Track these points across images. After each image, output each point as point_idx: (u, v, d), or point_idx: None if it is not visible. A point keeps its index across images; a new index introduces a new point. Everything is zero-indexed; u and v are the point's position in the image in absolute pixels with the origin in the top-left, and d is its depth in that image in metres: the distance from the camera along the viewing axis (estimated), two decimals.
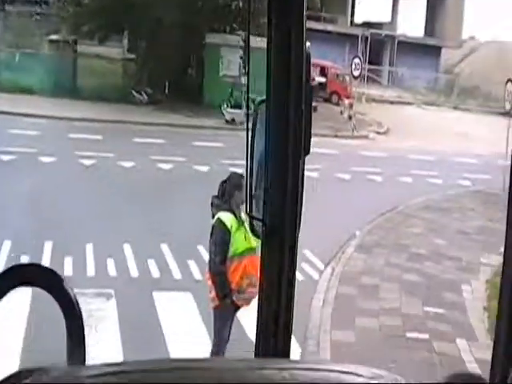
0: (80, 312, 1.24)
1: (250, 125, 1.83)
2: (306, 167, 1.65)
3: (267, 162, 1.65)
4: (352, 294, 9.26)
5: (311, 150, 1.65)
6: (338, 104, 30.75)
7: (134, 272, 9.38)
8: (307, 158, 1.66)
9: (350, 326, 8.06)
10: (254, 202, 1.77)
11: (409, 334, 7.97)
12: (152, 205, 12.81)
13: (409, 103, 42.23)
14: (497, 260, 11.58)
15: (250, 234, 6.07)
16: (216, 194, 6.22)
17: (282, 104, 1.63)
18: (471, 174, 20.01)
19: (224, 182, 6.17)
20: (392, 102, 41.25)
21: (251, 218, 1.74)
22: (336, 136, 23.94)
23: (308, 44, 1.62)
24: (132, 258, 9.86)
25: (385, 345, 7.62)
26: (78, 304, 1.24)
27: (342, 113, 27.63)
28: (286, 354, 1.66)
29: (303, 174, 1.65)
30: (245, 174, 1.79)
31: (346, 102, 29.05)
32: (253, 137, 1.82)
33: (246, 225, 6.17)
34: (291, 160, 1.62)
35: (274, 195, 1.62)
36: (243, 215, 6.18)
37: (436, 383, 1.03)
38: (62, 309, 1.22)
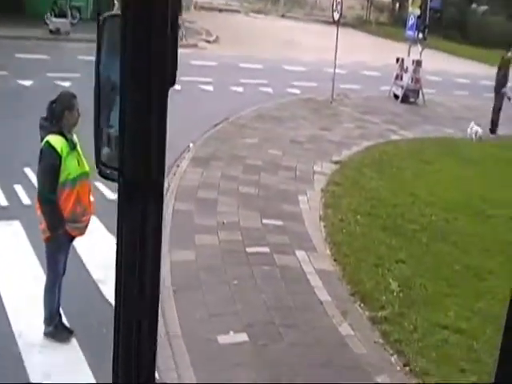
0: None
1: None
2: None
3: (124, 96, 1.27)
4: (190, 210, 9.03)
5: None
6: None
7: None
8: None
9: (190, 245, 7.86)
10: (105, 144, 1.41)
11: (249, 249, 7.91)
12: None
13: (237, 11, 41.96)
14: (329, 168, 11.84)
15: (83, 158, 5.64)
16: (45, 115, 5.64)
17: (142, 23, 1.25)
18: (300, 82, 20.24)
19: (53, 102, 5.59)
20: (220, 10, 40.81)
21: (104, 165, 1.37)
22: None
23: None
24: None
25: (226, 262, 7.51)
26: None
27: None
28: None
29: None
30: (94, 110, 1.41)
31: None
32: (99, 61, 1.42)
33: (79, 148, 5.69)
34: (155, 94, 1.27)
35: (135, 138, 1.26)
36: (75, 138, 5.68)
37: None
38: None
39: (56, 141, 5.47)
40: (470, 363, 6.08)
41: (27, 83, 15.40)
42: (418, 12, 20.27)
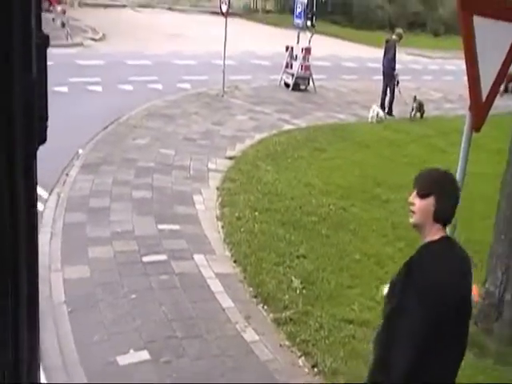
0: None
1: None
2: None
3: None
4: (81, 221, 8.61)
5: None
6: (49, 11, 28.76)
7: None
8: None
9: (83, 259, 7.47)
10: None
11: (145, 258, 7.60)
12: None
13: (123, 6, 41.16)
14: (223, 164, 11.63)
15: None
16: None
17: None
18: (190, 76, 19.93)
19: None
20: (106, 6, 39.87)
21: None
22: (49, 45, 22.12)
23: None
24: None
25: (122, 274, 7.17)
26: None
27: (54, 20, 25.79)
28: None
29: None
30: None
31: (58, 8, 27.17)
32: None
33: None
34: (19, 154, 0.99)
35: None
36: None
37: None
38: None
39: None
40: None
41: None
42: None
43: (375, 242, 8.88)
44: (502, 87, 22.60)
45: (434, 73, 29.03)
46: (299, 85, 20.11)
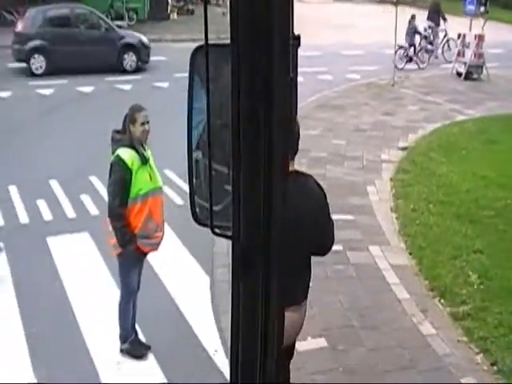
0: None
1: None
2: None
3: (234, 148, 1.10)
4: None
5: None
6: (218, 5, 29.63)
7: (24, 217, 8.64)
8: None
9: None
10: (198, 204, 1.28)
11: None
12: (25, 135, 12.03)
13: None
14: (396, 155, 11.53)
15: (156, 173, 5.54)
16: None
17: (251, 51, 1.02)
18: (359, 67, 19.86)
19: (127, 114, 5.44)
20: None
21: (215, 233, 1.20)
22: (220, 38, 22.77)
23: None
24: (19, 200, 9.09)
25: None
26: None
27: (224, 14, 26.55)
28: None
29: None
30: (187, 160, 1.28)
31: (228, 1, 27.95)
32: (191, 103, 1.26)
33: (152, 162, 5.56)
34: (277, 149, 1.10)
35: (249, 199, 1.09)
36: (147, 152, 5.53)
37: None
38: None
39: (126, 154, 5.31)
40: None
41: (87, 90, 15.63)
42: None
43: None
44: None
45: None
46: (472, 73, 19.45)
